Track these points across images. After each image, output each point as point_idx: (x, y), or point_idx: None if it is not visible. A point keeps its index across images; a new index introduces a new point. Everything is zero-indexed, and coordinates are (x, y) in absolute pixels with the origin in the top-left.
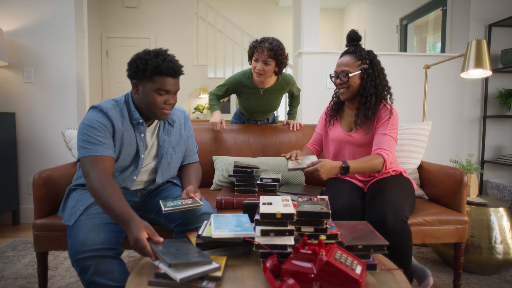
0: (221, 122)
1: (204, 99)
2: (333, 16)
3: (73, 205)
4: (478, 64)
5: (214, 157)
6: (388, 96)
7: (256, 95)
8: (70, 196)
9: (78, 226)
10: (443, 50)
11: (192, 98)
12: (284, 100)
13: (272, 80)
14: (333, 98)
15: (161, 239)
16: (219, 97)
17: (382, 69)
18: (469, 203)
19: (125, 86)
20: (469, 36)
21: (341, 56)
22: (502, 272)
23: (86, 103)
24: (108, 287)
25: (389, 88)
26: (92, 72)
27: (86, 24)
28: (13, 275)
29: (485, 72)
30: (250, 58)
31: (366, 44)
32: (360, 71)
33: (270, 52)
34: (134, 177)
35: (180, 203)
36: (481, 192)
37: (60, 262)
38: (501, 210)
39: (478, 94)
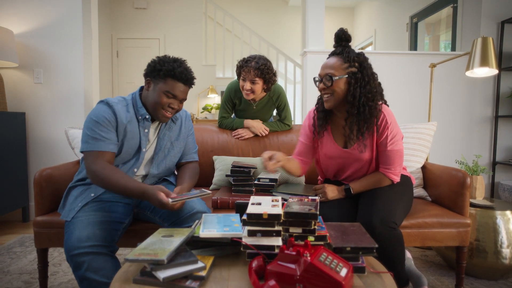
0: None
1: (212, 99)
2: (343, 15)
3: (72, 201)
4: (484, 62)
5: (214, 157)
6: (381, 101)
7: (249, 108)
8: (70, 193)
9: (74, 222)
10: (453, 48)
11: (200, 98)
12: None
13: (262, 94)
14: (316, 105)
15: (175, 195)
16: (228, 115)
17: (373, 74)
18: (475, 205)
19: (135, 86)
20: (480, 33)
21: (328, 57)
22: (509, 277)
23: (93, 104)
24: (100, 284)
25: (381, 92)
26: (102, 73)
27: (97, 25)
28: (18, 270)
29: (491, 71)
30: (238, 77)
31: (376, 43)
32: (346, 75)
33: (257, 71)
34: (135, 170)
35: (185, 195)
36: (492, 194)
37: (64, 258)
38: (508, 213)
39: (490, 93)
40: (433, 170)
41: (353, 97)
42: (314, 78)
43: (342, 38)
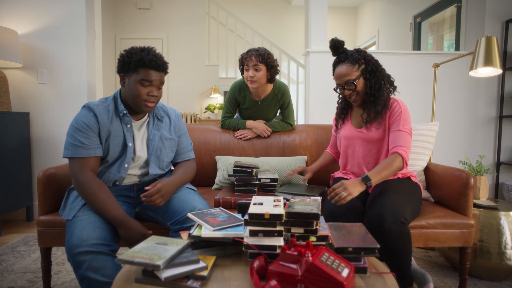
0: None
1: (215, 99)
2: (346, 14)
3: (72, 201)
4: (488, 62)
5: (217, 157)
6: (392, 88)
7: (254, 105)
8: (71, 194)
9: (75, 221)
10: (457, 48)
11: (203, 98)
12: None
13: (268, 89)
14: (338, 102)
15: (150, 232)
16: (231, 114)
17: (377, 61)
18: (478, 206)
19: None
20: (484, 33)
21: (335, 67)
22: None
23: None
24: (100, 283)
25: (389, 76)
26: (106, 73)
27: (100, 25)
28: (22, 269)
29: (495, 71)
30: (242, 72)
31: (380, 42)
32: (361, 74)
33: (259, 57)
34: (126, 165)
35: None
36: (496, 195)
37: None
38: None
39: (494, 93)
40: (436, 171)
41: (370, 87)
42: (334, 88)
43: (338, 46)
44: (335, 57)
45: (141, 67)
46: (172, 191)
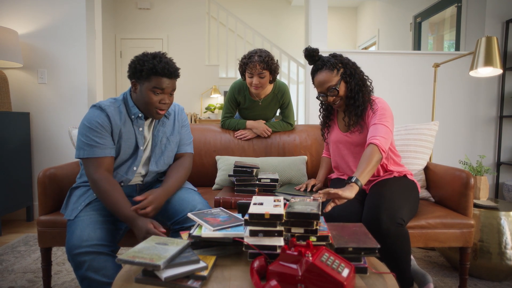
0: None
1: (215, 99)
2: (346, 14)
3: (75, 201)
4: (488, 62)
5: (217, 157)
6: (370, 87)
7: (255, 106)
8: (73, 193)
9: (76, 222)
10: (457, 48)
11: (203, 98)
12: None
13: (268, 89)
14: (320, 111)
15: (164, 230)
16: (231, 114)
17: (354, 63)
18: (478, 206)
19: None
20: (485, 33)
21: (314, 76)
22: None
23: None
24: (101, 283)
25: (368, 77)
26: (106, 73)
27: (100, 25)
28: (22, 269)
29: (495, 71)
30: (242, 75)
31: (380, 42)
32: (341, 78)
33: (263, 64)
34: (135, 168)
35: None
36: (496, 195)
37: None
38: None
39: (494, 93)
40: (436, 171)
41: (351, 90)
42: (317, 97)
43: (313, 55)
44: (312, 66)
45: (153, 75)
46: (163, 201)
